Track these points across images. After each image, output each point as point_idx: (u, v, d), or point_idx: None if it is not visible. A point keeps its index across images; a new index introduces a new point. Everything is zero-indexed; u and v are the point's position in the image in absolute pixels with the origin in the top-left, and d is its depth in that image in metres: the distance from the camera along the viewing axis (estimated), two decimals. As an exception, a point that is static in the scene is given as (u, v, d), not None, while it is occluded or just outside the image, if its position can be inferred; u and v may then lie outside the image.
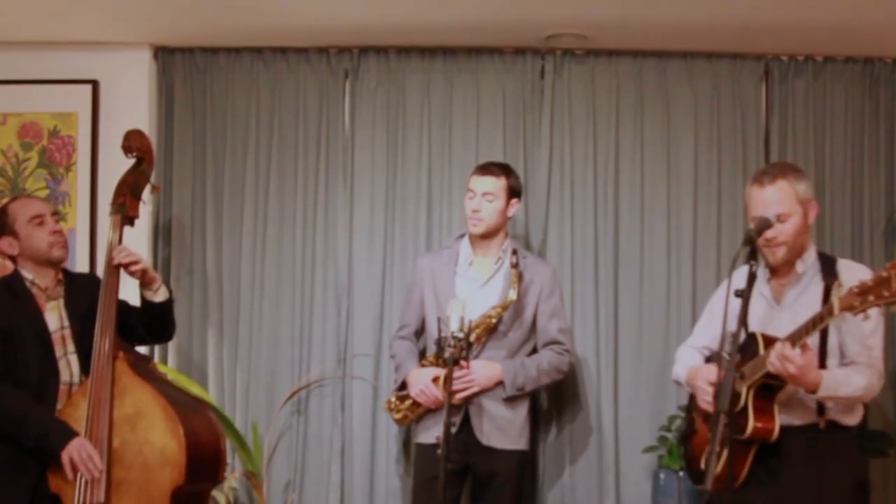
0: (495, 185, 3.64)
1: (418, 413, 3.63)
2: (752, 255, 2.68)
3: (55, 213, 3.31)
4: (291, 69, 4.32)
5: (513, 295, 3.52)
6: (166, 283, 3.35)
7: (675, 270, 4.22)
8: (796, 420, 2.89)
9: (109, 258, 3.22)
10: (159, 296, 3.29)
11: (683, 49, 4.24)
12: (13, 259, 3.27)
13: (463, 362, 3.46)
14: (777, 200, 2.90)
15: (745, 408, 2.84)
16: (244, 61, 4.32)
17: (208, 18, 3.95)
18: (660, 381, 4.17)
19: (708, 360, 3.16)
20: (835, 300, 2.61)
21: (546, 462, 4.14)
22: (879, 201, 4.24)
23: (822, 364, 2.87)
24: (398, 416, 3.70)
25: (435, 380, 3.53)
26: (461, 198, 3.89)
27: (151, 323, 3.34)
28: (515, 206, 3.71)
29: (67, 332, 3.23)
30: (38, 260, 3.23)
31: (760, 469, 2.90)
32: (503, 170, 3.70)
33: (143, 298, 3.30)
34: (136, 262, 3.21)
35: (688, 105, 4.27)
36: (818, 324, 2.68)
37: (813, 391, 2.79)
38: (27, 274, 3.23)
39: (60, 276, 3.30)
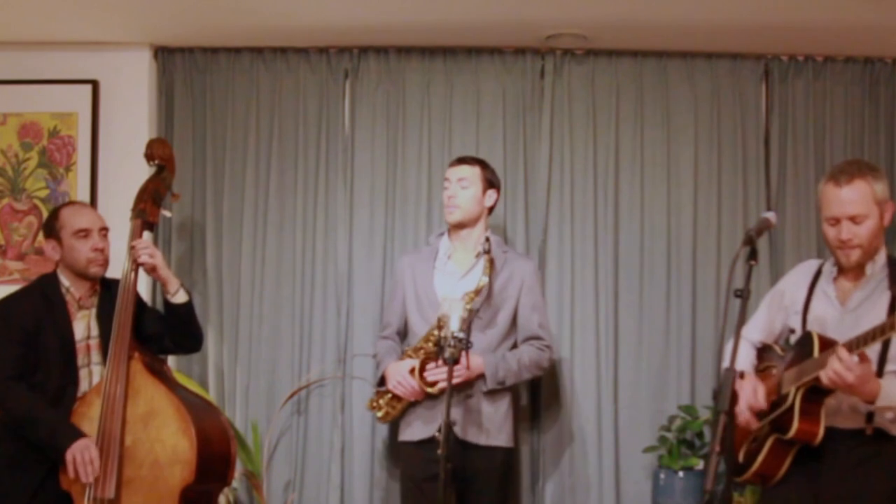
0: (469, 171, 3.66)
1: (400, 408, 3.63)
2: (752, 255, 2.66)
3: (103, 229, 3.33)
4: (291, 69, 4.32)
5: (484, 279, 3.51)
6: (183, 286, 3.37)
7: (675, 270, 4.22)
8: (843, 424, 2.84)
9: (129, 257, 3.26)
10: (178, 298, 3.31)
11: (683, 49, 4.23)
12: (55, 262, 3.32)
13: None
14: (854, 201, 2.82)
15: (792, 408, 2.79)
16: (244, 61, 4.32)
17: (208, 18, 3.95)
18: (660, 382, 4.17)
19: (759, 352, 3.10)
20: None
21: (546, 462, 4.14)
22: (879, 201, 4.24)
23: (881, 370, 2.81)
24: (380, 413, 3.70)
25: (412, 371, 3.54)
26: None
27: (174, 328, 3.36)
28: (494, 198, 3.71)
29: (94, 343, 3.27)
30: (75, 271, 3.27)
31: (800, 469, 2.86)
32: (477, 160, 3.73)
33: (165, 302, 3.34)
34: (148, 259, 3.25)
35: (688, 105, 4.27)
36: (878, 336, 2.62)
37: (871, 401, 2.74)
38: (64, 280, 3.28)
39: (97, 287, 3.33)
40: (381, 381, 3.67)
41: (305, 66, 4.31)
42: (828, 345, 2.76)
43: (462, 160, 3.73)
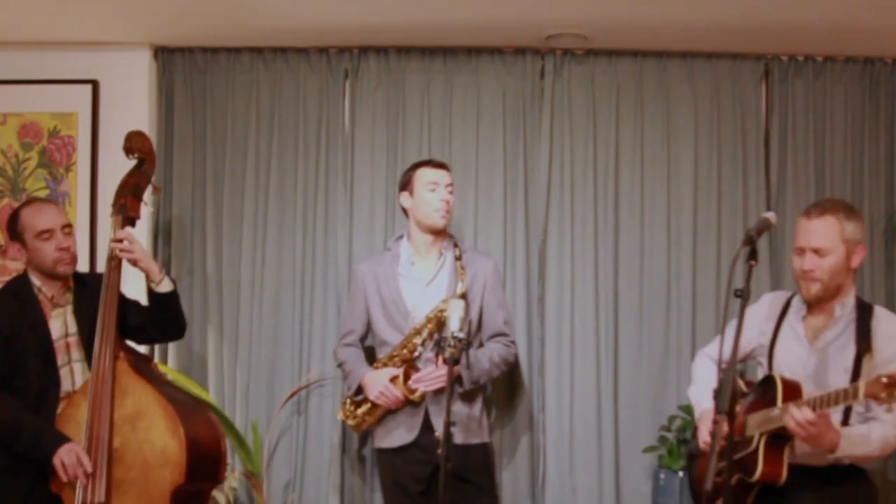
0: (450, 177, 3.68)
1: (376, 416, 3.63)
2: (752, 255, 2.67)
3: (67, 226, 3.26)
4: (291, 69, 4.31)
5: (461, 287, 3.53)
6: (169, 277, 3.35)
7: (675, 270, 4.22)
8: (812, 461, 2.86)
9: (110, 255, 3.22)
10: (163, 287, 3.27)
11: (683, 49, 4.24)
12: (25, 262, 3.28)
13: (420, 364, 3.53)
14: (820, 233, 2.87)
15: (756, 452, 2.83)
16: (244, 61, 4.32)
17: (208, 18, 3.95)
18: (660, 382, 4.18)
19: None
20: (861, 385, 2.58)
21: (546, 462, 4.14)
22: (879, 201, 4.24)
23: (847, 410, 2.83)
24: (354, 422, 3.71)
25: (393, 379, 3.54)
26: (460, 198, 3.87)
27: (159, 317, 3.33)
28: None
29: (73, 340, 3.22)
30: (44, 272, 3.23)
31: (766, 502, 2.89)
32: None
33: (149, 291, 3.30)
34: (128, 254, 3.21)
35: (688, 105, 4.27)
36: (840, 402, 2.65)
37: (830, 451, 2.77)
38: (35, 280, 3.24)
39: (70, 283, 3.29)
40: (357, 391, 3.67)
41: (305, 66, 4.31)
42: (791, 388, 2.80)
43: (442, 164, 3.71)
